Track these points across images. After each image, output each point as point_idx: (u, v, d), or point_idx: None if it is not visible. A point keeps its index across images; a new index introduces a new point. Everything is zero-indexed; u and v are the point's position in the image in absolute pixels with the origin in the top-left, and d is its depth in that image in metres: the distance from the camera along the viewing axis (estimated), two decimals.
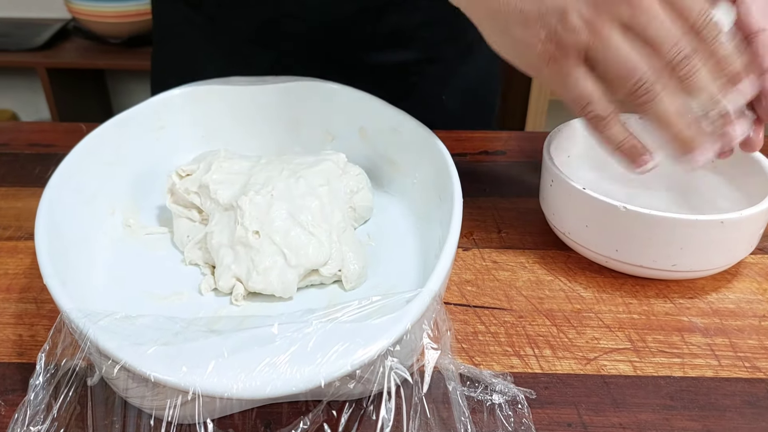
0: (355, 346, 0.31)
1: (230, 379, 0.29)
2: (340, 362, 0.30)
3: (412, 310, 0.33)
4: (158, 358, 0.30)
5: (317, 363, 0.30)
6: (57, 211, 0.42)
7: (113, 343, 0.31)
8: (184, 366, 0.30)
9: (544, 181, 0.49)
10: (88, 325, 0.32)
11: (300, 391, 0.30)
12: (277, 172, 0.46)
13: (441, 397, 0.35)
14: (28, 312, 0.43)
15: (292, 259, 0.41)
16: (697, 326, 0.43)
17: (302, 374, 0.30)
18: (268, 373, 0.30)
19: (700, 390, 0.38)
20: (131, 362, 0.30)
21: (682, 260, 0.43)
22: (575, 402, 0.37)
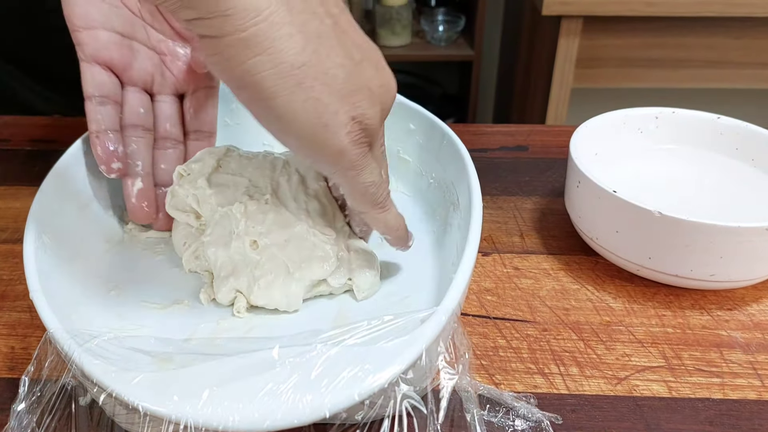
0: (364, 373, 0.28)
1: (226, 410, 0.27)
2: (346, 392, 0.27)
3: (426, 331, 0.30)
4: (147, 386, 0.28)
5: (322, 392, 0.27)
6: (49, 216, 0.40)
7: (99, 368, 0.28)
8: (175, 395, 0.27)
9: (569, 181, 0.46)
10: (73, 348, 0.29)
11: (302, 424, 0.27)
12: (275, 171, 0.43)
13: (458, 422, 0.32)
14: (22, 322, 0.41)
15: (296, 272, 0.38)
16: (737, 341, 0.39)
17: (305, 405, 0.27)
18: (267, 404, 0.27)
19: (743, 414, 0.35)
20: (118, 390, 0.27)
21: (721, 270, 0.40)
22: (605, 427, 0.34)
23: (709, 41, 1.20)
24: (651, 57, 1.23)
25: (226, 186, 0.42)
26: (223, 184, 0.42)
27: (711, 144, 0.50)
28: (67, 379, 0.32)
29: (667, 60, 1.23)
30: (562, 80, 1.24)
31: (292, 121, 0.30)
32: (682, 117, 0.50)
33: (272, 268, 0.38)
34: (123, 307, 0.40)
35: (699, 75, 1.25)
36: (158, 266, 0.44)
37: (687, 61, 1.23)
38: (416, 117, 0.49)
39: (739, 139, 0.49)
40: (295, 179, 0.42)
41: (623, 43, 1.22)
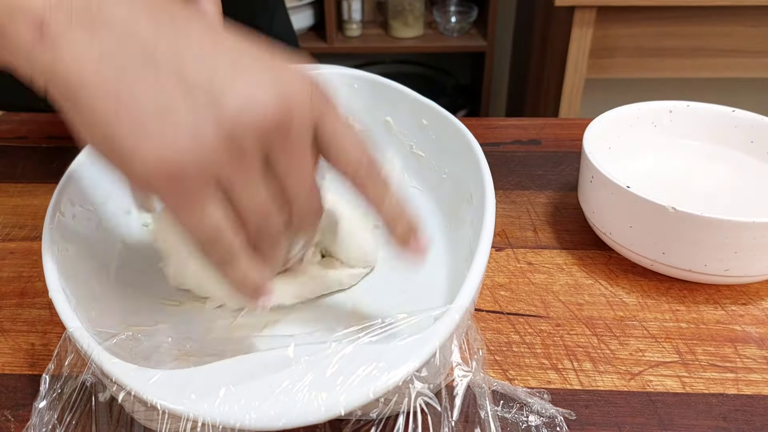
0: (379, 371, 0.28)
1: (242, 408, 0.27)
2: (362, 389, 0.28)
3: (440, 329, 0.30)
4: (165, 384, 0.28)
5: (337, 390, 0.28)
6: (67, 214, 0.40)
7: (118, 367, 0.29)
8: (193, 393, 0.28)
9: (583, 176, 0.46)
10: (92, 346, 0.30)
11: (318, 422, 0.27)
12: None
13: (472, 418, 0.32)
14: (42, 319, 0.42)
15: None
16: (751, 336, 0.39)
17: (320, 403, 0.27)
18: (283, 402, 0.27)
19: (757, 410, 0.35)
20: (137, 389, 0.28)
21: (735, 265, 0.40)
22: (618, 423, 0.34)
23: (723, 30, 1.19)
24: (665, 47, 1.22)
25: None
26: None
27: (725, 137, 0.50)
28: (86, 376, 0.32)
29: (681, 49, 1.22)
30: (576, 71, 1.23)
31: None
32: (697, 110, 0.50)
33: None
34: (139, 305, 0.41)
35: (713, 64, 1.24)
36: None
37: (701, 51, 1.22)
38: (429, 112, 0.49)
39: (754, 132, 0.48)
40: None
41: (637, 33, 1.21)
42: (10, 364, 0.39)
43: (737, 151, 0.49)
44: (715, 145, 0.50)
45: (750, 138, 0.49)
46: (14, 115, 0.67)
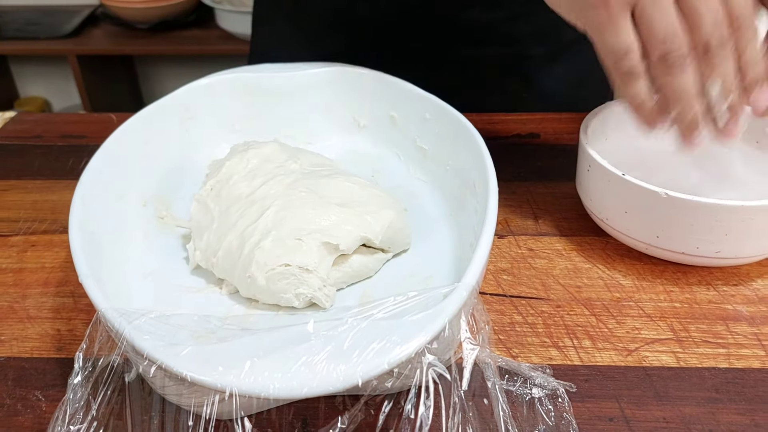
0: (392, 344, 0.30)
1: (266, 378, 0.29)
2: (377, 361, 0.30)
3: (449, 305, 0.32)
4: (194, 358, 0.30)
5: (354, 362, 0.30)
6: (89, 207, 0.42)
7: (149, 343, 0.31)
8: (220, 366, 0.30)
9: (581, 165, 0.48)
10: (123, 325, 0.32)
11: (337, 391, 0.29)
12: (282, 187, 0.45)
13: (479, 391, 0.34)
14: (66, 306, 0.44)
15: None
16: (742, 315, 0.41)
17: (339, 373, 0.29)
18: (304, 373, 0.29)
19: (747, 382, 0.37)
20: (167, 362, 0.30)
21: (726, 247, 0.42)
22: (616, 395, 0.36)
23: None
24: None
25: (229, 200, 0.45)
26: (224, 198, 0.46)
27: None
28: (115, 357, 0.34)
29: None
30: None
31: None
32: None
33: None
34: (159, 292, 0.43)
35: None
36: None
37: None
38: (432, 106, 0.52)
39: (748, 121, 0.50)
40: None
41: None
42: (38, 348, 0.41)
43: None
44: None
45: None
46: (28, 115, 0.70)
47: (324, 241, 0.41)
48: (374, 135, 0.56)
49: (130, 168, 0.49)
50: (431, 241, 0.46)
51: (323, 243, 0.40)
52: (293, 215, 0.41)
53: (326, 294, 0.40)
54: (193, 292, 0.43)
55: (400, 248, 0.45)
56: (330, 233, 0.41)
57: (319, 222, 0.41)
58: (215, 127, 0.56)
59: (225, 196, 0.45)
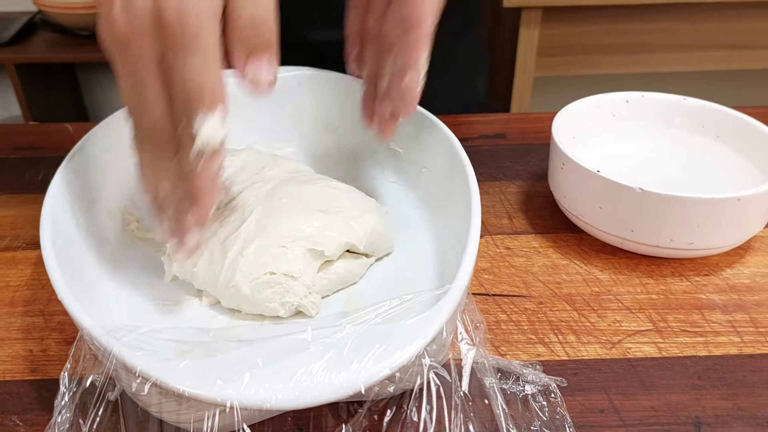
0: (393, 349, 0.30)
1: (267, 390, 0.29)
2: (378, 366, 0.29)
3: (445, 307, 0.32)
4: (191, 373, 0.29)
5: (355, 368, 0.29)
6: (59, 221, 0.41)
7: (141, 359, 0.30)
8: (218, 379, 0.29)
9: (553, 164, 0.49)
10: (112, 342, 0.31)
11: (340, 399, 0.29)
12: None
13: (475, 391, 0.34)
14: (36, 326, 0.42)
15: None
16: (716, 303, 0.43)
17: (341, 381, 0.29)
18: (305, 382, 0.29)
19: (727, 368, 0.38)
20: (163, 378, 0.29)
21: (698, 238, 0.43)
22: (604, 387, 0.37)
23: (662, 26, 1.25)
24: (608, 44, 1.28)
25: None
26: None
27: (679, 123, 0.54)
28: (95, 376, 0.33)
29: (623, 46, 1.28)
30: (525, 69, 1.27)
31: None
32: (651, 99, 0.54)
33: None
34: (136, 306, 0.41)
35: (653, 59, 1.31)
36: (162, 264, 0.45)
37: (643, 47, 1.28)
38: None
39: (705, 117, 0.53)
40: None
41: (581, 32, 1.26)
42: (11, 371, 0.39)
43: (690, 135, 0.53)
44: (669, 130, 0.54)
45: (701, 123, 0.53)
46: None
47: (309, 248, 0.40)
48: (346, 139, 0.56)
49: (97, 179, 0.47)
50: (411, 244, 0.46)
51: (308, 250, 0.40)
52: (276, 223, 0.41)
53: (312, 302, 0.39)
54: (171, 305, 0.42)
55: (384, 252, 0.44)
56: (314, 240, 0.40)
57: (303, 229, 0.41)
58: None
59: None
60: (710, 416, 0.35)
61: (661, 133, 0.54)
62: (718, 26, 1.27)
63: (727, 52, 1.30)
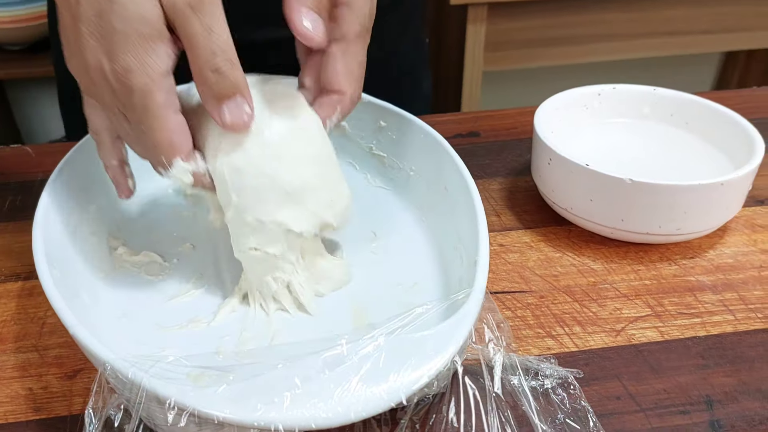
0: (427, 356, 0.30)
1: (310, 409, 0.28)
2: (416, 374, 0.30)
3: (471, 310, 0.33)
4: (228, 399, 0.29)
5: (394, 379, 0.29)
6: (51, 250, 0.39)
7: (174, 389, 0.29)
8: (258, 402, 0.28)
9: (539, 159, 0.50)
10: (140, 375, 0.30)
11: (383, 411, 0.29)
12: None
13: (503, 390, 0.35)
14: (32, 362, 0.40)
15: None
16: (705, 284, 0.45)
17: (382, 393, 0.29)
18: (347, 398, 0.29)
19: (726, 346, 0.40)
20: (201, 407, 0.28)
21: (685, 223, 0.45)
22: (617, 374, 0.38)
23: (602, 17, 1.30)
24: (552, 37, 1.32)
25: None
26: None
27: (649, 113, 0.56)
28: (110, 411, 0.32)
29: (567, 38, 1.32)
30: (474, 65, 1.29)
31: None
32: (622, 91, 0.56)
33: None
34: (139, 333, 0.40)
35: (595, 49, 1.35)
36: (160, 287, 0.44)
37: (585, 38, 1.32)
38: (386, 114, 0.52)
39: (674, 106, 0.55)
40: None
41: (526, 26, 1.29)
42: (12, 412, 0.37)
43: (660, 124, 0.55)
44: (640, 120, 0.56)
45: (670, 111, 0.55)
46: None
47: (286, 229, 0.39)
48: None
49: (79, 203, 0.45)
50: (409, 247, 0.46)
51: (285, 230, 0.39)
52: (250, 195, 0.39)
53: (300, 283, 0.40)
54: (174, 328, 0.41)
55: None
56: (290, 217, 0.39)
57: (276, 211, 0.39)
58: None
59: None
60: (719, 393, 0.37)
61: (631, 123, 0.56)
62: (654, 15, 1.33)
63: (663, 39, 1.36)
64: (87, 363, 0.40)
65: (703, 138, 0.53)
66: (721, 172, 0.49)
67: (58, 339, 0.42)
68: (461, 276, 0.40)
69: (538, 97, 0.56)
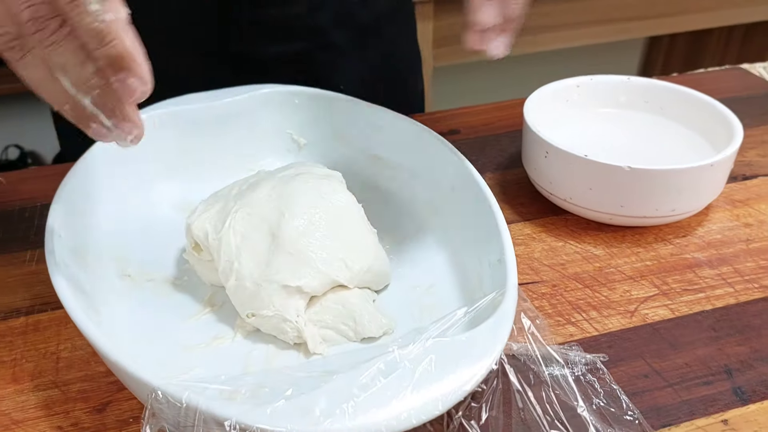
0: (476, 357, 0.31)
1: (373, 416, 0.29)
2: (469, 373, 0.30)
3: (508, 308, 0.34)
4: (291, 414, 0.29)
5: (449, 380, 0.30)
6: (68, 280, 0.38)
7: (236, 409, 0.29)
8: (321, 415, 0.29)
9: (533, 153, 0.51)
10: (195, 398, 0.29)
11: (445, 410, 0.29)
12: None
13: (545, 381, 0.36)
14: (55, 399, 0.39)
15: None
16: (701, 261, 0.47)
17: (440, 394, 0.30)
18: (407, 402, 0.29)
19: (732, 317, 0.42)
20: (266, 425, 0.28)
21: (680, 205, 0.47)
22: (640, 353, 0.40)
23: (538, 9, 1.34)
24: None
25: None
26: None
27: (625, 102, 0.58)
28: None
29: None
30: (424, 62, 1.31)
31: None
32: (599, 82, 0.58)
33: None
34: (163, 355, 0.40)
35: (542, 40, 1.39)
36: (176, 307, 0.43)
37: (530, 29, 1.36)
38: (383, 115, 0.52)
39: (648, 93, 0.57)
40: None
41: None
42: None
43: (638, 111, 0.58)
44: (618, 109, 0.58)
45: (644, 99, 0.57)
46: None
47: (283, 285, 0.39)
48: (318, 153, 0.56)
49: (81, 229, 0.44)
50: (417, 249, 0.47)
51: (282, 286, 0.39)
52: (255, 257, 0.41)
53: (310, 334, 0.39)
54: (200, 347, 0.40)
55: (379, 287, 0.44)
56: (292, 275, 0.40)
57: (278, 270, 0.40)
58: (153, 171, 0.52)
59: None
60: (735, 362, 0.39)
61: (611, 112, 0.58)
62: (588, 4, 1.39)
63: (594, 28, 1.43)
64: (115, 394, 0.39)
65: (677, 121, 0.56)
66: (698, 151, 0.52)
67: (77, 372, 0.40)
68: (480, 274, 0.41)
69: (486, 91, 0.58)
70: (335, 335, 0.40)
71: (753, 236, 0.49)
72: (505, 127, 0.65)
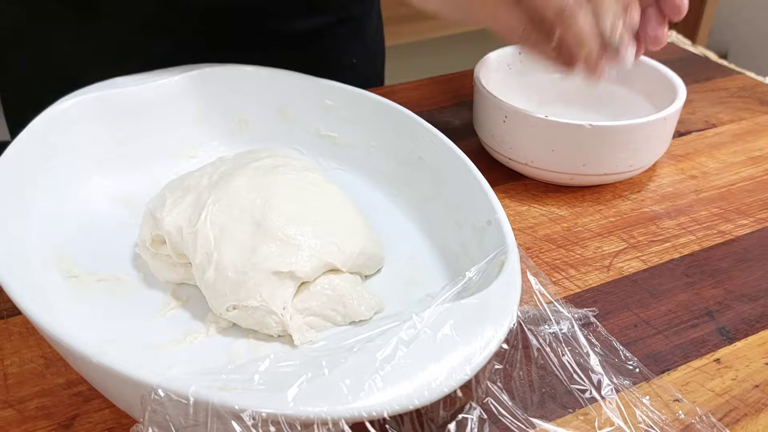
0: (495, 316, 0.30)
1: (403, 388, 0.27)
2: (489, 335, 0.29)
3: (515, 267, 0.33)
4: (317, 395, 0.26)
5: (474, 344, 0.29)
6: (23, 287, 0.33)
7: (252, 399, 0.26)
8: (349, 393, 0.27)
9: (490, 118, 0.51)
10: (204, 392, 0.26)
11: (473, 375, 0.28)
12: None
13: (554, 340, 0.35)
14: (10, 420, 0.34)
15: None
16: (660, 213, 0.49)
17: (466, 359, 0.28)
18: (433, 370, 0.28)
19: (701, 262, 0.44)
20: (292, 411, 0.26)
21: (636, 160, 0.48)
22: (626, 305, 0.40)
23: None
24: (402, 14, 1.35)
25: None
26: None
27: None
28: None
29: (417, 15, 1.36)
30: None
31: None
32: None
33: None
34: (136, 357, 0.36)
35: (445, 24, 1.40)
36: (137, 305, 0.40)
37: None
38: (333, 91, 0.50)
39: None
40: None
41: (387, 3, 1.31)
42: None
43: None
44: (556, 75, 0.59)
45: None
46: None
47: (274, 271, 0.37)
48: (264, 134, 0.53)
49: (15, 230, 0.39)
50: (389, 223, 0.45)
51: (273, 273, 0.37)
52: (235, 242, 0.38)
53: (295, 325, 0.37)
54: (172, 345, 0.37)
55: (373, 271, 0.42)
56: (282, 260, 0.37)
57: (268, 253, 0.37)
58: (81, 160, 0.47)
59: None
60: (714, 304, 0.40)
61: (552, 78, 0.59)
62: None
63: None
64: (81, 407, 0.35)
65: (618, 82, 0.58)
66: (638, 110, 0.54)
67: (32, 388, 0.36)
68: (463, 239, 0.40)
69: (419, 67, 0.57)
70: (321, 321, 0.38)
71: (701, 187, 0.51)
72: (447, 100, 0.65)
